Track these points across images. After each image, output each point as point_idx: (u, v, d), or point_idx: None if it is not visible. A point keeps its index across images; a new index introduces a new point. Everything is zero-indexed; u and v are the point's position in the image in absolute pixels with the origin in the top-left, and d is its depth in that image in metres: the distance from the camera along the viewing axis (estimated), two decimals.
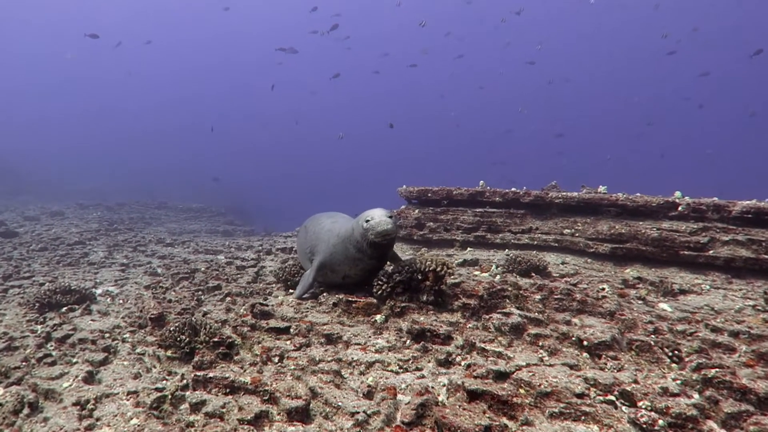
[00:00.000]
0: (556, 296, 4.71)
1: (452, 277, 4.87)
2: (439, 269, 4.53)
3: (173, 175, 38.48)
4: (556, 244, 7.33)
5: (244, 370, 3.51)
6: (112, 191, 28.91)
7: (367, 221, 4.64)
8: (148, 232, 13.24)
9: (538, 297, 4.66)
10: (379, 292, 4.66)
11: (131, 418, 3.06)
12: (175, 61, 77.02)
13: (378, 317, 4.35)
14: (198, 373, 3.35)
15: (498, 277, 5.97)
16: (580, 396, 2.88)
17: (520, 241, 7.52)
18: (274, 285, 5.95)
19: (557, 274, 6.15)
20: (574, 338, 3.89)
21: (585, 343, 3.78)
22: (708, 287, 5.65)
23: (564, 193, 7.47)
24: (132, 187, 31.58)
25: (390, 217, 4.69)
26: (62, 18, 68.98)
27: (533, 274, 5.93)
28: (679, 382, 3.20)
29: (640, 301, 5.00)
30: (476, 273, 6.21)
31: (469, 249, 7.58)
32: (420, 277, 4.56)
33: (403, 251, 7.76)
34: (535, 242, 7.46)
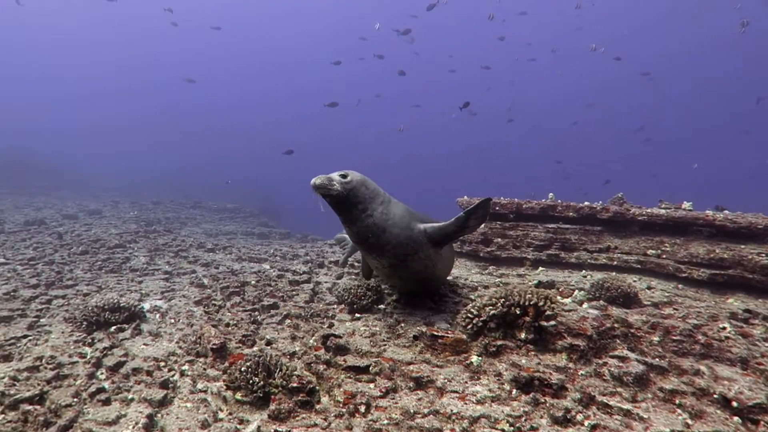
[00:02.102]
0: (674, 337, 4.07)
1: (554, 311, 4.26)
2: (541, 303, 3.93)
3: (204, 173, 38.62)
4: (639, 266, 6.64)
5: (330, 424, 2.97)
6: (144, 189, 29.06)
7: None
8: (186, 234, 12.91)
9: (655, 338, 4.02)
10: (469, 327, 4.08)
11: None
12: (220, 64, 78.13)
13: (474, 359, 3.76)
14: (279, 429, 2.83)
15: (585, 305, 5.34)
16: None
17: (598, 260, 6.86)
18: (335, 306, 5.42)
19: (648, 302, 5.48)
20: (716, 395, 3.26)
21: (734, 404, 3.14)
22: None
23: (649, 210, 6.78)
24: (163, 184, 31.77)
25: (343, 176, 4.44)
26: (102, 24, 70.28)
27: (633, 306, 5.28)
28: None
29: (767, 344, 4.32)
30: (558, 299, 5.59)
31: (541, 268, 6.94)
32: (518, 312, 3.97)
33: (469, 269, 7.17)
34: (615, 263, 6.78)
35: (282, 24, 76.62)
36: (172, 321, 5.11)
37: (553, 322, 4.15)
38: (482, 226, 7.34)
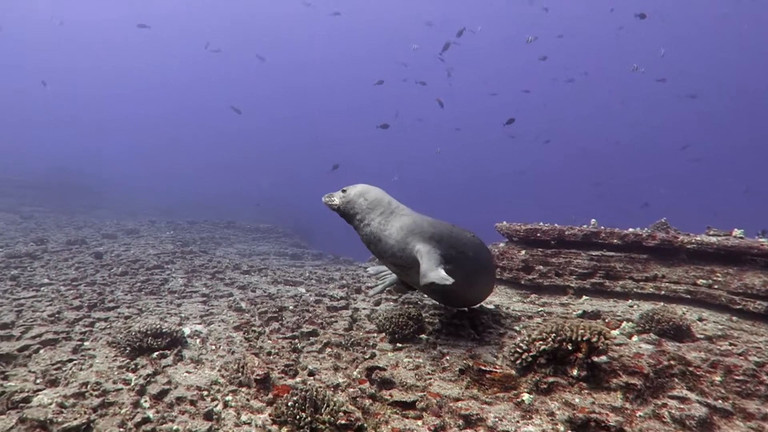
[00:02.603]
0: (736, 376, 3.85)
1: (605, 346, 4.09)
2: (594, 339, 3.78)
3: (237, 192, 39.31)
4: (689, 296, 6.38)
5: None
6: (179, 207, 29.70)
7: None
8: (221, 254, 13.06)
9: (717, 378, 3.81)
10: (518, 362, 3.94)
11: None
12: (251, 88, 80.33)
13: (525, 396, 3.61)
14: None
15: (635, 338, 5.13)
16: None
17: (644, 290, 6.62)
18: (375, 335, 5.33)
19: (701, 336, 5.23)
20: None
21: None
22: None
23: (698, 238, 6.52)
24: (197, 203, 32.44)
25: (343, 191, 5.22)
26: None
27: (685, 339, 5.05)
28: None
29: None
30: (590, 324, 5.39)
31: (585, 297, 6.73)
32: (570, 347, 3.82)
33: (510, 296, 7.00)
34: (662, 292, 6.53)
35: (321, 47, 77.97)
36: (213, 347, 5.09)
37: (605, 358, 3.99)
38: (523, 252, 7.21)
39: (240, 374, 4.18)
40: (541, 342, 3.92)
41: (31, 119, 63.99)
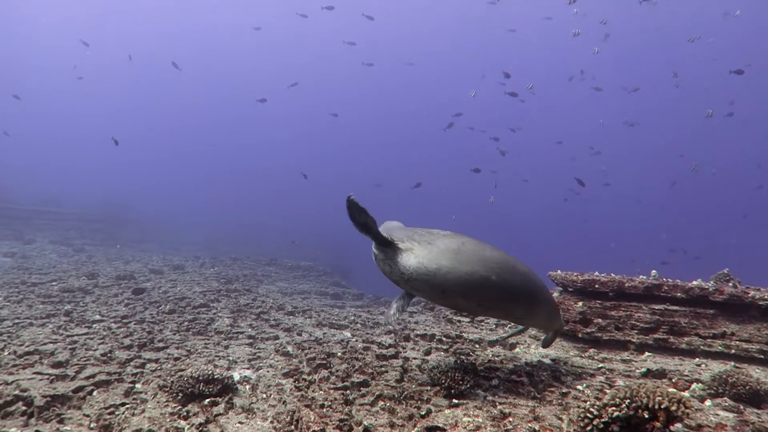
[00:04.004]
0: None
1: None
2: (673, 408, 3.49)
3: (277, 228, 39.88)
4: (762, 356, 5.95)
5: None
6: (221, 242, 30.28)
7: None
8: (264, 293, 13.10)
9: None
10: (588, 428, 3.68)
11: None
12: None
13: None
14: None
15: (708, 402, 4.77)
16: None
17: (712, 348, 6.21)
18: (429, 388, 5.11)
19: None
20: None
21: None
22: None
23: None
24: (239, 238, 33.04)
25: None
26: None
27: (763, 405, 4.66)
28: None
29: None
30: (668, 389, 5.04)
31: (647, 354, 6.36)
32: (646, 415, 3.54)
33: (566, 350, 6.68)
34: (732, 351, 6.11)
35: (355, 85, 79.75)
36: (264, 396, 4.98)
37: (680, 426, 3.69)
38: (580, 303, 6.91)
39: (294, 428, 4.04)
40: (614, 408, 3.65)
41: (83, 155, 67.29)
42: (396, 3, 68.16)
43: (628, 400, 3.63)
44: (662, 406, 3.52)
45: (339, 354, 6.45)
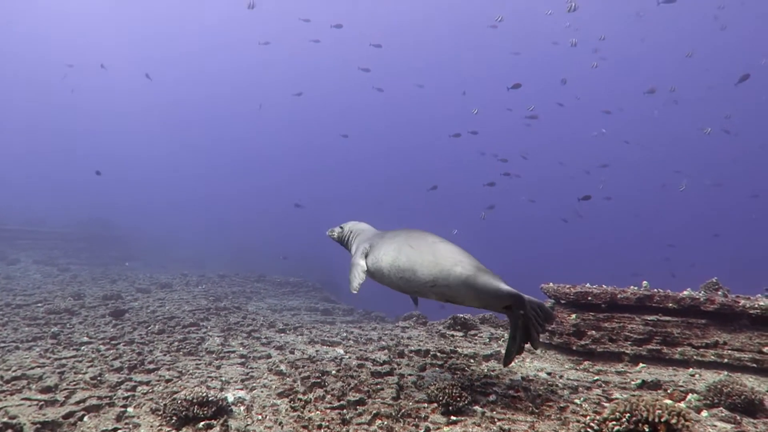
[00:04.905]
0: None
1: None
2: (673, 421, 3.50)
3: (265, 244, 39.67)
4: (754, 365, 6.00)
5: None
6: (208, 258, 30.02)
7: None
8: (254, 310, 12.97)
9: None
10: None
11: None
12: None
13: None
14: None
15: (705, 413, 4.79)
16: None
17: (705, 357, 6.26)
18: (426, 405, 5.06)
19: None
20: None
21: None
22: None
23: (762, 303, 6.19)
24: (226, 254, 32.79)
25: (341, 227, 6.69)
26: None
27: (758, 415, 4.69)
28: None
29: None
30: (667, 402, 5.05)
31: (641, 365, 6.38)
32: (647, 429, 3.54)
33: (561, 363, 6.68)
34: (725, 360, 6.16)
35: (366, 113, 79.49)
36: (259, 417, 4.90)
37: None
38: (573, 316, 6.93)
39: None
40: (614, 422, 3.65)
41: (67, 173, 66.44)
42: (401, 25, 68.49)
43: (628, 414, 3.63)
44: (662, 420, 3.52)
45: (333, 372, 6.38)
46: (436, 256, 4.83)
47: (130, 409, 5.09)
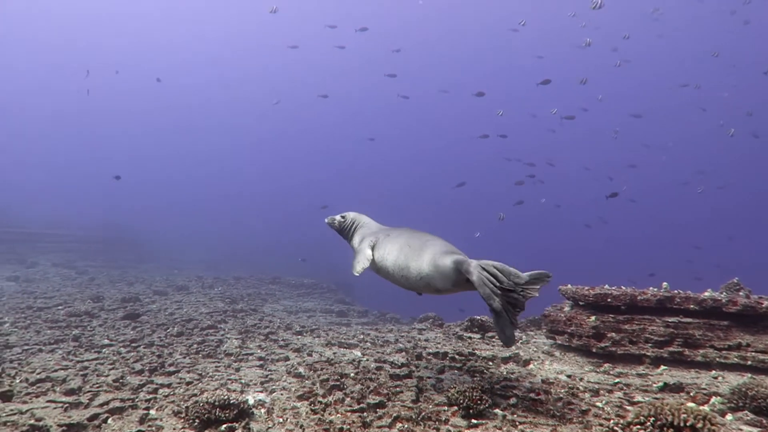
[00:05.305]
0: None
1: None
2: (699, 425, 3.46)
3: (279, 245, 39.87)
4: None
5: None
6: (221, 261, 30.22)
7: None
8: (269, 311, 13.05)
9: None
10: None
11: None
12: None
13: None
14: None
15: (730, 416, 4.73)
16: None
17: (728, 359, 6.18)
18: (446, 408, 5.06)
19: None
20: None
21: None
22: None
23: None
24: (239, 256, 33.00)
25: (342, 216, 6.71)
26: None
27: None
28: None
29: None
30: (691, 405, 4.99)
31: (663, 367, 6.32)
32: None
33: (581, 365, 6.63)
34: (749, 362, 6.08)
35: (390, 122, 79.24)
36: (280, 420, 4.93)
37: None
38: (593, 318, 6.87)
39: None
40: (638, 426, 3.62)
41: (85, 179, 67.15)
42: (424, 30, 68.22)
43: (653, 418, 3.60)
44: (688, 423, 3.49)
45: (352, 374, 6.39)
46: (422, 252, 5.14)
47: (152, 412, 5.15)
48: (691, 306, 6.56)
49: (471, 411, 4.78)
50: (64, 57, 68.49)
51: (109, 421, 4.86)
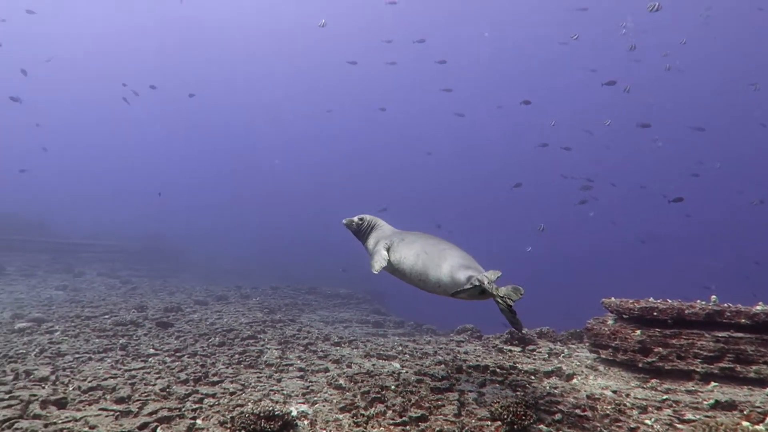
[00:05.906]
0: None
1: None
2: None
3: (315, 256, 40.17)
4: None
5: None
6: (254, 270, 30.67)
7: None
8: (307, 321, 13.18)
9: None
10: None
11: None
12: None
13: None
14: None
15: None
16: None
17: None
18: (489, 423, 5.01)
19: None
20: None
21: None
22: None
23: None
24: (272, 266, 33.45)
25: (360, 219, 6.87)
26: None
27: None
28: None
29: None
30: (745, 424, 4.81)
31: (713, 384, 6.11)
32: None
33: (627, 381, 6.47)
34: None
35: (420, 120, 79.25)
36: None
37: None
38: (638, 332, 6.71)
39: None
40: None
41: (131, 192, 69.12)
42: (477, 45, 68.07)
43: None
44: None
45: (392, 387, 6.39)
46: (441, 262, 5.37)
47: (199, 421, 5.26)
48: (743, 320, 6.34)
49: (515, 426, 4.73)
50: (104, 65, 70.69)
51: (158, 430, 5.00)
